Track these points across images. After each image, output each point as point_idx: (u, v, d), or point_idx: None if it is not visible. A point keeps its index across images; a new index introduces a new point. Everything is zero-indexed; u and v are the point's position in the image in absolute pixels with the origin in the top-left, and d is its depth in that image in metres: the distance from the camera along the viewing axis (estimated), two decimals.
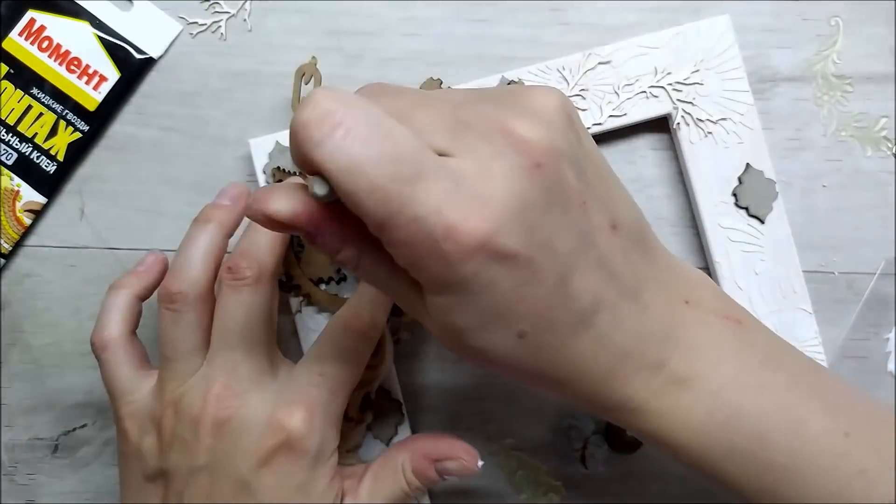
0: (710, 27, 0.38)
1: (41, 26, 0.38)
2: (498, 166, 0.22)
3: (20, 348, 0.39)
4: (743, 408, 0.26)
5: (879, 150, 0.40)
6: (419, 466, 0.32)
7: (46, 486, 0.39)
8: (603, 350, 0.25)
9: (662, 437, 0.27)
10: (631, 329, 0.25)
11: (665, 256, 0.28)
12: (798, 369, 0.28)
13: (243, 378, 0.31)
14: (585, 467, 0.39)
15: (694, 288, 0.28)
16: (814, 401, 0.27)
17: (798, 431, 0.26)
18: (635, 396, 0.26)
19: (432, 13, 0.39)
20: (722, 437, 0.26)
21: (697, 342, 0.27)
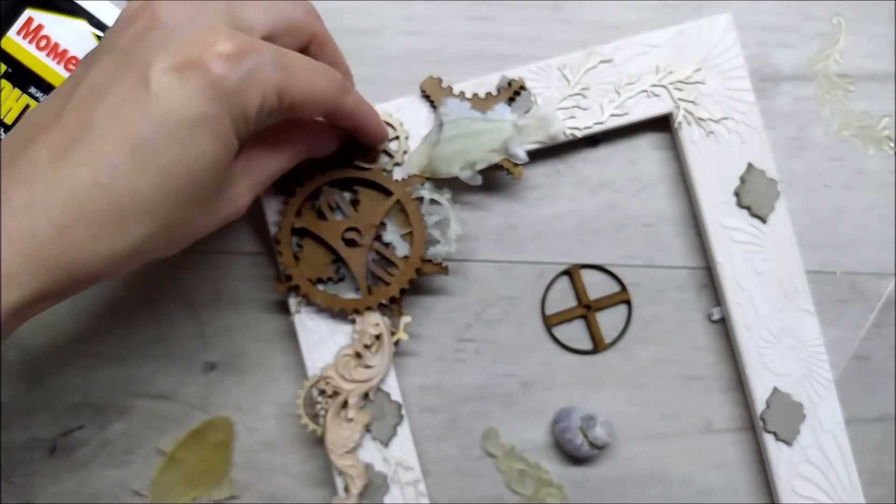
0: (711, 25, 0.38)
1: (39, 25, 0.38)
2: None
3: (18, 349, 0.39)
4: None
5: (882, 150, 0.40)
6: (306, 147, 0.34)
7: (44, 487, 0.39)
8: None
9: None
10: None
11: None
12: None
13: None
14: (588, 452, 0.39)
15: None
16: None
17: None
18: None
19: (432, 11, 0.39)
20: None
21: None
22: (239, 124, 0.28)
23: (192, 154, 0.27)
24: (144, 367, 0.39)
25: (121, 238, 0.27)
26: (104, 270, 0.27)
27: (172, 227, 0.28)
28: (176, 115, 0.26)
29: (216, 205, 0.30)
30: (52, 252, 0.26)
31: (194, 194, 0.28)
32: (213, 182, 0.28)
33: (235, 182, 0.30)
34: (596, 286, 0.40)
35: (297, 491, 0.39)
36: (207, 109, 0.26)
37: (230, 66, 0.27)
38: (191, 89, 0.26)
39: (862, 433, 0.39)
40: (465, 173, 0.37)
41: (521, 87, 0.37)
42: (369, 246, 0.36)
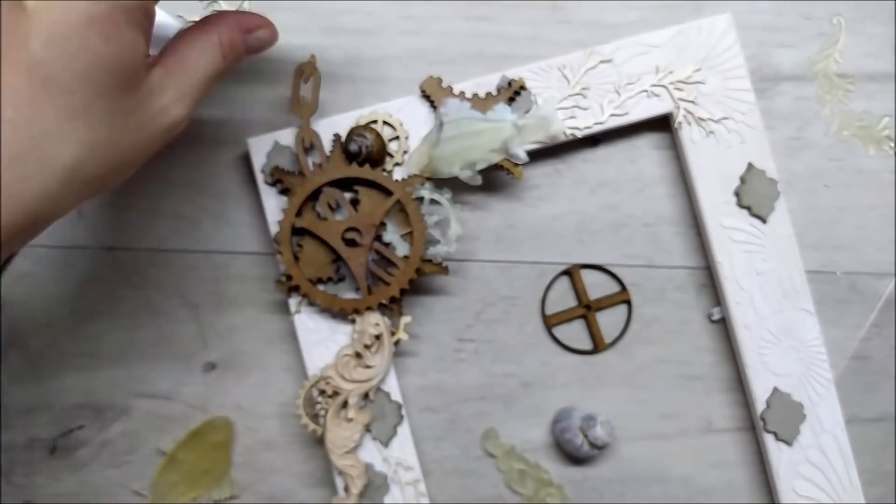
0: (711, 25, 0.38)
1: None
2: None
3: (18, 349, 0.39)
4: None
5: (881, 150, 0.40)
6: (234, 39, 0.31)
7: (44, 487, 0.39)
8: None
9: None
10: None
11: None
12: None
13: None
14: (588, 452, 0.39)
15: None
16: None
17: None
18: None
19: (432, 11, 0.39)
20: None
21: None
22: (133, 14, 0.26)
23: (90, 63, 0.25)
24: (144, 367, 0.39)
25: (46, 172, 0.25)
26: (43, 210, 0.26)
27: (99, 150, 0.26)
28: (61, 27, 0.25)
29: (144, 120, 0.28)
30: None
31: (106, 107, 0.26)
32: (122, 89, 0.26)
33: (160, 91, 0.28)
34: (596, 286, 0.40)
35: (297, 491, 0.39)
36: (91, 9, 0.25)
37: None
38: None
39: (862, 433, 0.39)
40: (465, 173, 0.37)
41: (521, 87, 0.37)
42: (369, 246, 0.36)
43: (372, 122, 0.37)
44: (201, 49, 0.30)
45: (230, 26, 0.31)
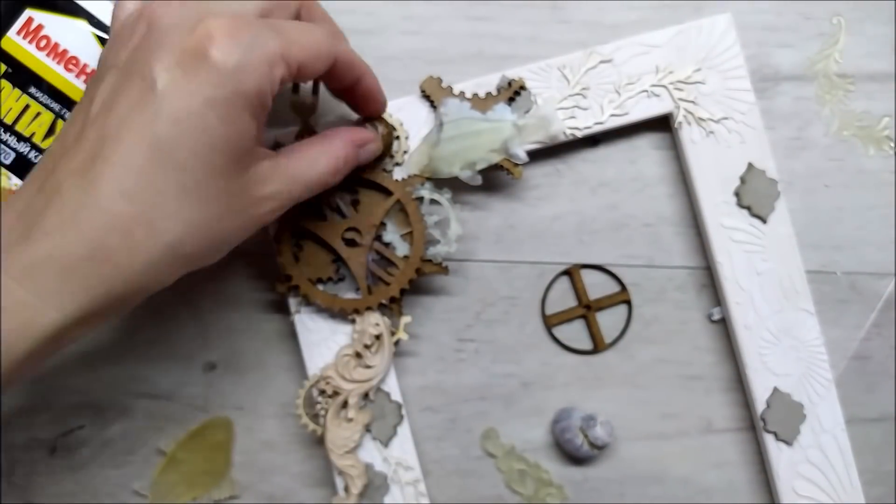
0: (711, 25, 0.38)
1: (39, 25, 0.38)
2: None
3: None
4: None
5: (882, 150, 0.40)
6: (350, 154, 0.33)
7: (44, 487, 0.39)
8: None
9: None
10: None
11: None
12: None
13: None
14: (588, 452, 0.39)
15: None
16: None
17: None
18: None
19: (432, 11, 0.39)
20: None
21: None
22: (252, 102, 0.27)
23: (206, 143, 0.27)
24: (144, 367, 0.39)
25: (153, 245, 0.27)
26: (142, 283, 0.27)
27: (203, 228, 0.28)
28: (185, 108, 0.26)
29: (245, 205, 0.29)
30: (88, 270, 0.26)
31: (217, 187, 0.28)
32: (233, 172, 0.28)
33: (263, 183, 0.30)
34: (596, 286, 0.40)
35: (297, 491, 0.39)
36: (214, 93, 0.26)
37: (228, 47, 0.27)
38: (195, 79, 0.26)
39: (862, 433, 0.39)
40: (465, 173, 0.37)
41: (521, 87, 0.37)
42: (369, 246, 0.36)
43: None
44: (316, 156, 0.32)
45: (348, 142, 0.33)
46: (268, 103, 0.29)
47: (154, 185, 0.26)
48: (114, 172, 0.26)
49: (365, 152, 0.34)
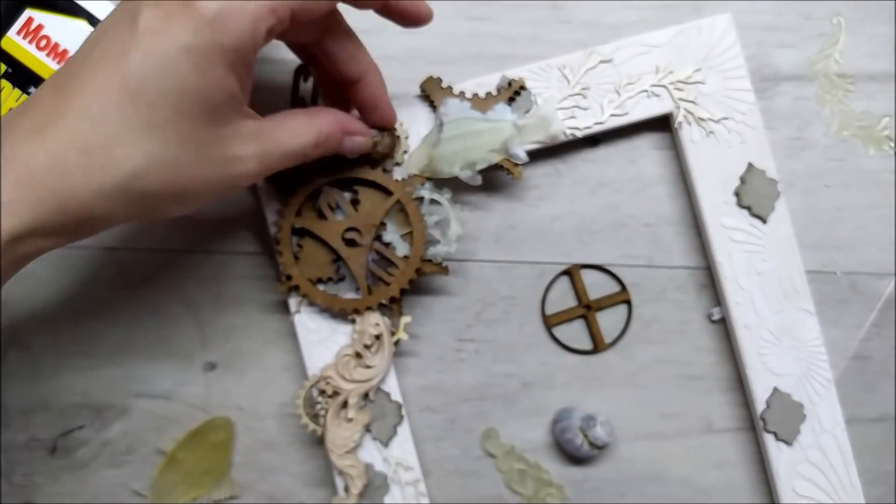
0: (711, 25, 0.38)
1: (39, 25, 0.38)
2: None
3: (18, 348, 0.39)
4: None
5: (881, 150, 0.40)
6: (332, 134, 0.33)
7: (44, 487, 0.39)
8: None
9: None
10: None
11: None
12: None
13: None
14: (588, 452, 0.39)
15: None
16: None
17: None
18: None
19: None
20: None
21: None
22: (228, 56, 0.27)
23: (177, 87, 0.27)
24: (144, 367, 0.39)
25: (108, 170, 0.27)
26: (95, 207, 0.27)
27: (163, 167, 0.28)
28: (160, 49, 0.26)
29: (215, 159, 0.29)
30: (43, 181, 0.27)
31: (182, 130, 0.28)
32: (204, 120, 0.28)
33: (242, 142, 0.29)
34: (596, 286, 0.40)
35: (297, 491, 0.39)
36: (190, 40, 0.26)
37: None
38: (175, 23, 0.27)
39: (862, 433, 0.39)
40: (465, 173, 0.37)
41: (521, 87, 0.37)
42: (369, 246, 0.36)
43: None
44: (299, 127, 0.32)
45: (333, 122, 0.33)
46: (249, 59, 0.28)
47: (120, 115, 0.27)
48: (83, 95, 0.27)
49: (350, 142, 0.34)
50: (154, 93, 0.27)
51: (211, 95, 0.28)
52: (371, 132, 0.35)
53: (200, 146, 0.28)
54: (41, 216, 0.27)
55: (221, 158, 0.29)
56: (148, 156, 0.27)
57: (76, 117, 0.27)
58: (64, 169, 0.27)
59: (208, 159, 0.29)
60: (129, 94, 0.27)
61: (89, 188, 0.27)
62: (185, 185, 0.29)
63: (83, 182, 0.27)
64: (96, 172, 0.27)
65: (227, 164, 0.29)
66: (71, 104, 0.27)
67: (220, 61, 0.27)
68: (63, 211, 0.27)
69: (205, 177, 0.29)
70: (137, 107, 0.27)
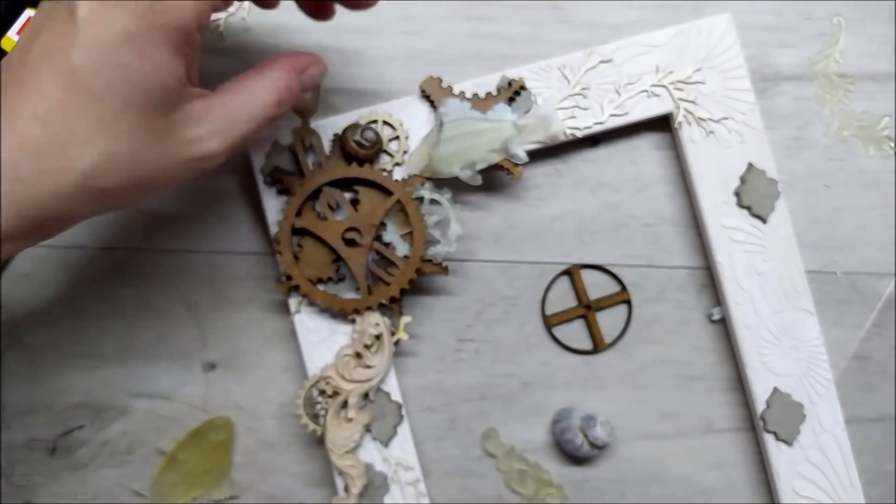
0: (711, 25, 0.38)
1: None
2: None
3: (18, 349, 0.39)
4: None
5: (882, 150, 0.40)
6: (291, 82, 0.31)
7: (44, 488, 0.39)
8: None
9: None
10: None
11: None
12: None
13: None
14: (588, 452, 0.39)
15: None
16: None
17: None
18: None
19: (432, 11, 0.39)
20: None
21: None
22: (172, 38, 0.27)
23: (122, 77, 0.26)
24: (144, 367, 0.39)
25: (64, 171, 0.26)
26: (56, 209, 0.27)
27: (119, 161, 0.27)
28: (101, 39, 0.26)
29: (172, 145, 0.28)
30: (2, 189, 0.26)
31: (133, 120, 0.27)
32: (151, 108, 0.27)
33: (197, 122, 0.29)
34: (596, 286, 0.40)
35: (297, 491, 0.39)
36: (131, 26, 0.26)
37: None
38: (113, 11, 0.26)
39: (862, 433, 0.39)
40: (465, 173, 0.37)
41: (521, 87, 0.37)
42: (369, 246, 0.36)
43: (372, 122, 0.37)
44: (254, 91, 0.30)
45: (286, 70, 0.31)
46: (194, 39, 0.28)
47: (68, 113, 0.26)
48: (30, 97, 0.26)
49: (307, 78, 0.33)
50: (100, 86, 0.26)
51: (158, 81, 0.27)
52: (321, 62, 0.33)
53: (154, 135, 0.28)
54: (4, 224, 0.26)
55: (178, 143, 0.28)
56: (102, 152, 0.27)
57: (24, 121, 0.26)
58: (19, 175, 0.26)
59: (164, 147, 0.28)
60: (75, 90, 0.26)
61: (46, 191, 0.27)
62: (144, 176, 0.28)
63: (39, 186, 0.26)
64: (52, 175, 0.26)
65: (185, 148, 0.29)
66: (17, 107, 0.26)
67: (164, 45, 0.27)
68: (23, 216, 0.27)
69: (164, 165, 0.28)
70: (84, 103, 0.26)
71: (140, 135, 0.27)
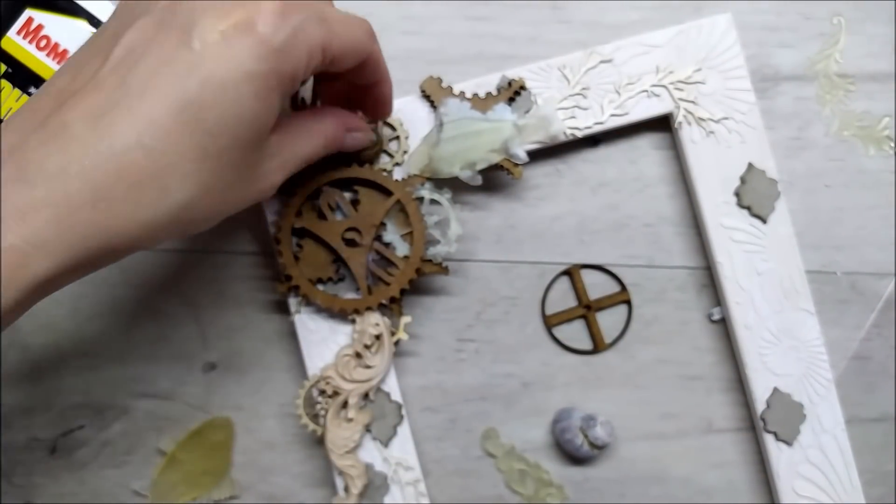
0: (711, 25, 0.38)
1: (39, 25, 0.38)
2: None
3: (18, 349, 0.39)
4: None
5: (882, 150, 0.40)
6: (338, 135, 0.33)
7: (44, 488, 0.39)
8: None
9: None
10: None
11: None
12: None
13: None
14: (588, 452, 0.39)
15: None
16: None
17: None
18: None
19: (432, 11, 0.39)
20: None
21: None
22: (285, 83, 0.27)
23: (236, 114, 0.26)
24: (144, 367, 0.39)
25: (161, 202, 0.26)
26: (141, 239, 0.26)
27: (212, 194, 0.27)
28: (221, 74, 0.25)
29: (254, 176, 0.29)
30: (88, 218, 0.25)
31: (235, 157, 0.27)
32: (253, 145, 0.28)
33: (271, 157, 0.29)
34: (596, 286, 0.40)
35: (297, 491, 0.39)
36: (254, 68, 0.26)
37: (276, 24, 0.26)
38: (237, 48, 0.26)
39: (862, 433, 0.39)
40: (465, 173, 0.37)
41: (521, 87, 0.37)
42: (369, 246, 0.36)
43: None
44: (310, 133, 0.31)
45: (337, 123, 0.33)
46: (298, 87, 0.28)
47: (176, 143, 0.25)
48: (135, 123, 0.25)
49: (351, 139, 0.34)
50: (212, 121, 0.26)
51: (264, 121, 0.27)
52: (370, 127, 0.35)
53: (246, 170, 0.28)
54: (81, 254, 0.25)
55: (258, 176, 0.29)
56: (200, 185, 0.27)
57: (125, 148, 0.25)
58: (111, 204, 0.25)
59: (249, 180, 0.29)
60: (185, 122, 0.25)
61: (138, 221, 0.26)
62: (226, 208, 0.29)
63: (132, 216, 0.26)
64: (147, 206, 0.26)
65: (260, 180, 0.29)
66: (116, 133, 0.25)
67: (278, 89, 0.27)
68: (107, 247, 0.26)
69: (242, 196, 0.29)
70: (194, 135, 0.26)
71: (236, 169, 0.28)
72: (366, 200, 0.37)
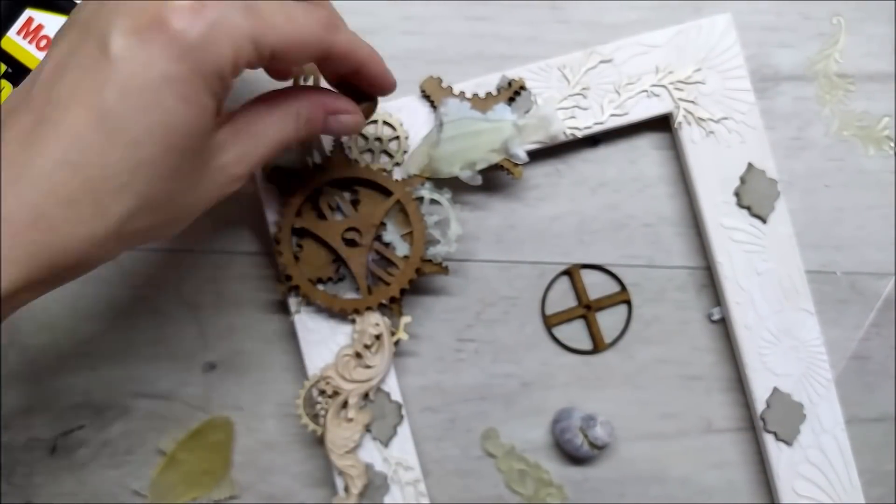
0: (711, 25, 0.38)
1: (39, 25, 0.38)
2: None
3: (18, 349, 0.39)
4: None
5: (881, 150, 0.40)
6: (314, 116, 0.31)
7: (44, 487, 0.39)
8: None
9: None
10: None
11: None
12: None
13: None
14: (588, 452, 0.39)
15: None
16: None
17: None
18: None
19: (432, 11, 0.39)
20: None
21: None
22: (212, 83, 0.26)
23: (161, 121, 0.25)
24: (144, 367, 0.39)
25: (98, 218, 0.25)
26: (88, 255, 0.26)
27: (155, 204, 0.26)
28: (138, 80, 0.24)
29: (203, 177, 0.28)
30: (31, 238, 0.25)
31: (171, 164, 0.26)
32: (190, 150, 0.26)
33: (223, 151, 0.28)
34: (596, 286, 0.40)
35: (297, 491, 0.39)
36: (171, 69, 0.24)
37: (190, 19, 0.24)
38: (151, 49, 0.24)
39: (862, 433, 0.39)
40: (465, 173, 0.37)
41: (521, 87, 0.37)
42: (369, 246, 0.36)
43: (371, 122, 0.37)
44: (276, 117, 0.30)
45: (312, 103, 0.31)
46: (229, 84, 0.27)
47: (102, 157, 0.25)
48: (59, 139, 0.24)
49: (336, 122, 0.31)
50: (137, 130, 0.25)
51: (196, 124, 0.26)
52: (359, 115, 0.33)
53: (189, 174, 0.27)
54: (32, 273, 0.25)
55: (209, 175, 0.28)
56: (138, 196, 0.26)
57: (55, 166, 0.24)
58: (50, 223, 0.25)
59: (197, 183, 0.27)
60: (110, 134, 0.24)
61: (80, 239, 0.25)
62: (177, 214, 0.28)
63: (73, 234, 0.25)
64: (85, 223, 0.25)
65: (213, 178, 0.28)
66: (45, 151, 0.24)
67: (203, 89, 0.25)
68: (55, 264, 0.25)
69: (196, 199, 0.28)
70: (120, 148, 0.25)
71: (176, 176, 0.26)
72: (366, 200, 0.37)
